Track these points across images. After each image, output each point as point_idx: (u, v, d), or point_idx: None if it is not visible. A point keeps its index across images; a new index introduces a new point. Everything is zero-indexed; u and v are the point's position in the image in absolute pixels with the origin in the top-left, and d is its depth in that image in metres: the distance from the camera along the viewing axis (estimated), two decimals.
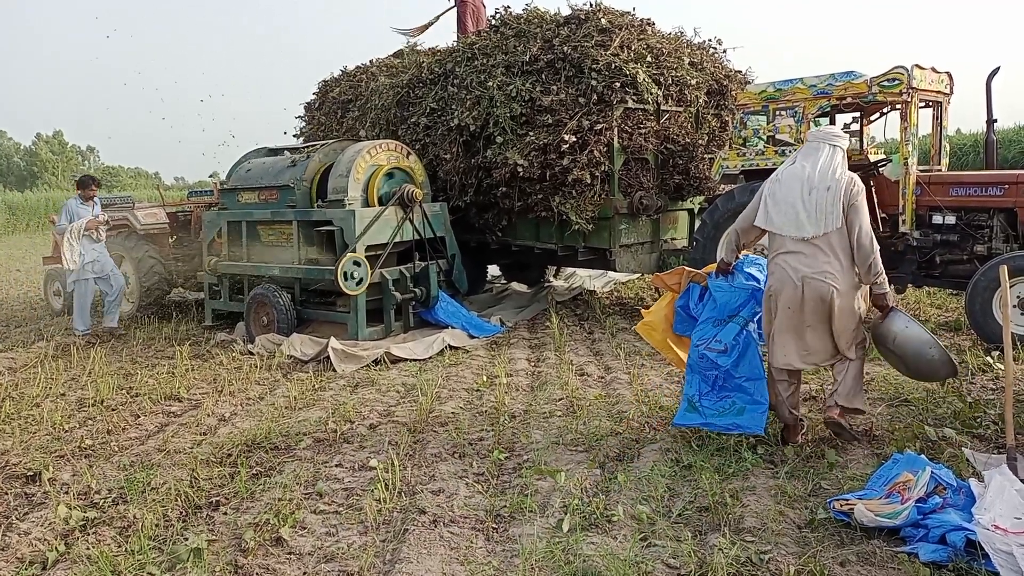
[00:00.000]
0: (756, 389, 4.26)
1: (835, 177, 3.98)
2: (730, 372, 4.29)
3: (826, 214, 3.95)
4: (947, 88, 7.25)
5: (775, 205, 4.13)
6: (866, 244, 3.93)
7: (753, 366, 4.29)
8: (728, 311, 4.41)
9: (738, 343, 4.31)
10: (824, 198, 3.95)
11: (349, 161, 7.54)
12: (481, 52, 8.48)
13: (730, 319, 4.40)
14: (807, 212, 3.99)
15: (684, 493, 3.69)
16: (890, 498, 3.31)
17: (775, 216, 4.13)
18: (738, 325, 4.36)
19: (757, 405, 4.21)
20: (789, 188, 4.08)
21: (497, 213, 8.58)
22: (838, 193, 3.94)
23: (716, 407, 4.28)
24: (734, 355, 4.29)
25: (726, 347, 4.31)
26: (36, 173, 62.86)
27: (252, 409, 5.47)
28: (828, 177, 3.99)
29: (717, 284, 4.50)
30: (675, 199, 8.63)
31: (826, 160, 4.06)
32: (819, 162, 4.06)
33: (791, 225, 4.05)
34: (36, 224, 30.25)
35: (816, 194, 3.97)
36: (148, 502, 3.80)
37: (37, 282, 12.67)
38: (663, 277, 4.82)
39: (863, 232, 3.94)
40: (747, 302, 4.41)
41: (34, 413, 5.43)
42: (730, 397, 4.29)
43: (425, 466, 4.18)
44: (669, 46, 8.34)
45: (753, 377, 4.27)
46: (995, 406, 4.62)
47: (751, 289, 4.43)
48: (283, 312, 7.46)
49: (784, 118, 7.22)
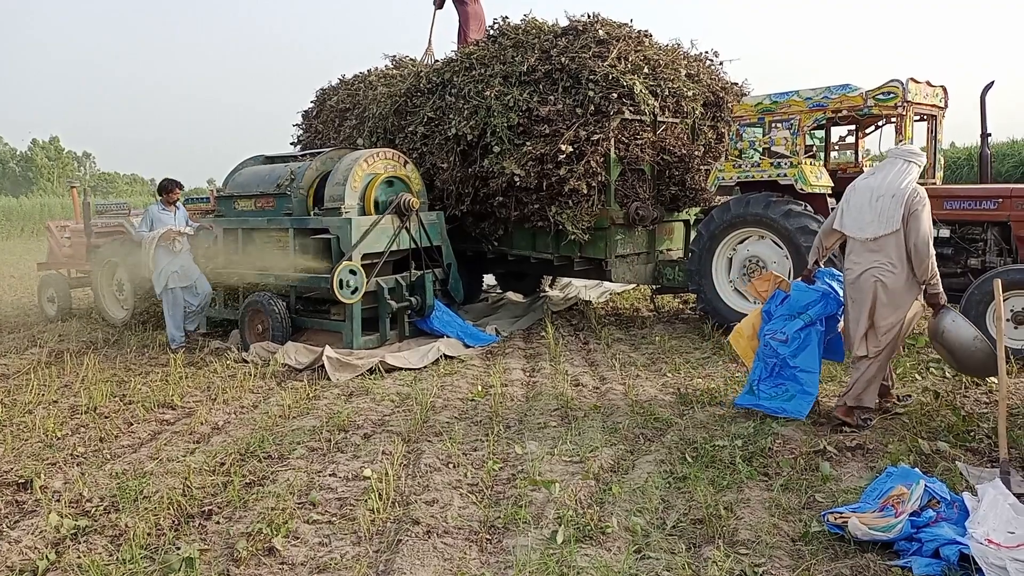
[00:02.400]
0: (808, 380, 4.78)
1: (900, 187, 4.45)
2: (787, 361, 4.82)
3: (887, 218, 4.44)
4: (942, 102, 7.30)
5: (848, 210, 4.65)
6: (922, 249, 4.39)
7: (810, 360, 4.78)
8: (798, 308, 4.89)
9: (799, 336, 4.83)
10: (888, 204, 4.44)
11: (346, 169, 7.55)
12: (479, 62, 8.51)
13: (799, 315, 4.87)
14: (871, 215, 4.50)
15: (678, 505, 3.69)
16: (884, 511, 3.31)
17: (847, 219, 4.66)
18: (803, 321, 4.84)
19: (806, 395, 4.75)
20: (861, 195, 4.60)
21: (494, 222, 8.59)
22: (900, 200, 4.41)
23: (770, 391, 4.87)
24: (793, 346, 4.82)
25: (787, 338, 4.84)
26: (31, 179, 62.80)
27: (246, 417, 5.45)
28: (895, 187, 4.47)
29: (796, 284, 5.03)
30: (671, 210, 8.66)
31: (897, 172, 4.54)
32: (891, 173, 4.55)
33: (858, 227, 4.58)
34: (31, 230, 30.19)
35: (882, 201, 4.47)
36: (140, 511, 3.78)
37: (31, 288, 12.64)
38: (755, 284, 5.30)
39: (920, 238, 4.39)
40: (817, 302, 4.87)
41: (26, 420, 5.40)
42: (784, 384, 4.85)
43: (419, 476, 4.16)
44: (666, 58, 8.38)
45: (808, 369, 4.78)
46: (988, 420, 4.64)
47: (823, 291, 4.89)
48: (278, 320, 7.45)
49: (780, 130, 7.26)
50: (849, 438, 4.44)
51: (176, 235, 7.67)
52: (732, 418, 4.95)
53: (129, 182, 68.43)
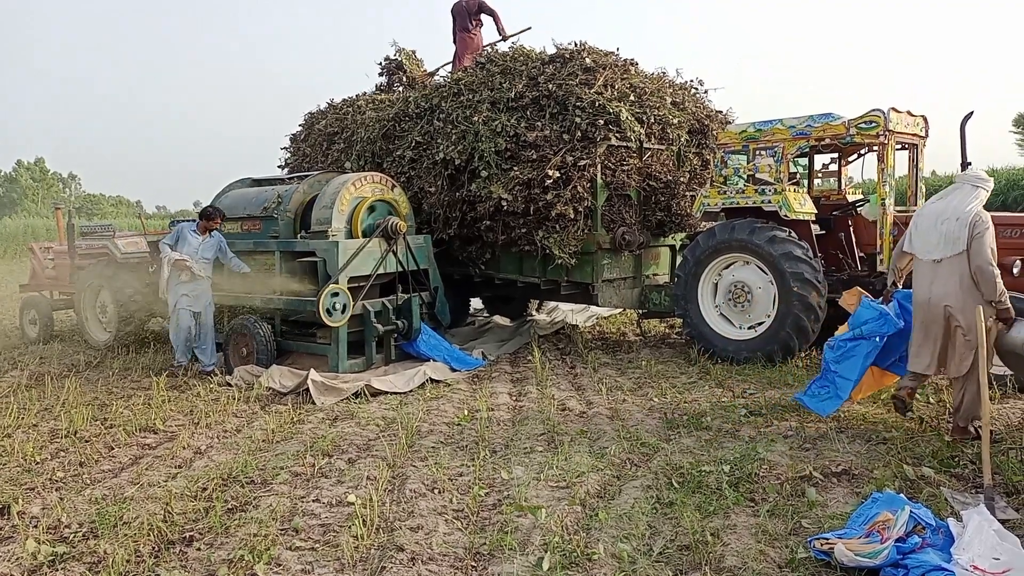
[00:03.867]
0: (843, 386, 5.14)
1: (965, 211, 4.63)
2: (830, 365, 5.22)
3: (952, 240, 4.63)
4: (923, 131, 7.43)
5: (916, 233, 4.89)
6: (986, 270, 4.55)
7: (850, 368, 5.13)
8: (859, 322, 5.19)
9: (845, 346, 5.19)
10: (952, 227, 4.63)
11: (334, 193, 7.55)
12: (467, 88, 8.58)
13: (855, 328, 5.19)
14: (937, 238, 4.71)
15: (665, 531, 3.67)
16: (870, 537, 3.31)
17: (915, 241, 4.89)
18: (853, 333, 5.18)
19: (837, 399, 5.15)
20: (927, 218, 4.82)
21: (481, 246, 8.61)
22: (965, 223, 4.59)
23: (816, 391, 5.30)
24: (838, 352, 5.20)
25: (834, 345, 5.25)
26: (16, 200, 62.35)
27: (229, 442, 5.39)
28: (960, 210, 4.65)
29: (864, 301, 5.30)
30: (657, 235, 8.72)
31: (963, 196, 4.72)
32: (957, 198, 4.74)
33: (925, 249, 4.79)
34: (14, 251, 29.87)
35: (947, 224, 4.66)
36: (119, 537, 3.72)
37: (13, 310, 12.49)
38: (845, 298, 5.57)
39: (983, 260, 4.55)
40: (875, 320, 5.13)
41: (5, 444, 5.31)
42: (826, 386, 5.25)
43: (404, 502, 4.12)
44: (652, 85, 8.49)
45: (846, 376, 5.13)
46: (972, 445, 4.66)
47: (881, 311, 5.14)
48: (263, 343, 7.39)
49: (764, 158, 7.35)
50: (834, 463, 4.44)
51: (184, 267, 7.45)
52: (719, 443, 4.95)
53: (115, 204, 68.05)
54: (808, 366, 7.00)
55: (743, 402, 5.90)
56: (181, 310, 7.55)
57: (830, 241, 7.64)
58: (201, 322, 7.68)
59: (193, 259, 7.48)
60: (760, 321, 7.23)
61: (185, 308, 7.55)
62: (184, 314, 7.56)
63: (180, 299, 7.53)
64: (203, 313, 7.67)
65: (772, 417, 5.45)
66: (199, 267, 7.51)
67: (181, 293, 7.53)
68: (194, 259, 7.49)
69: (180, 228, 7.69)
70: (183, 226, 7.72)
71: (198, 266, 7.50)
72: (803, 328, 6.86)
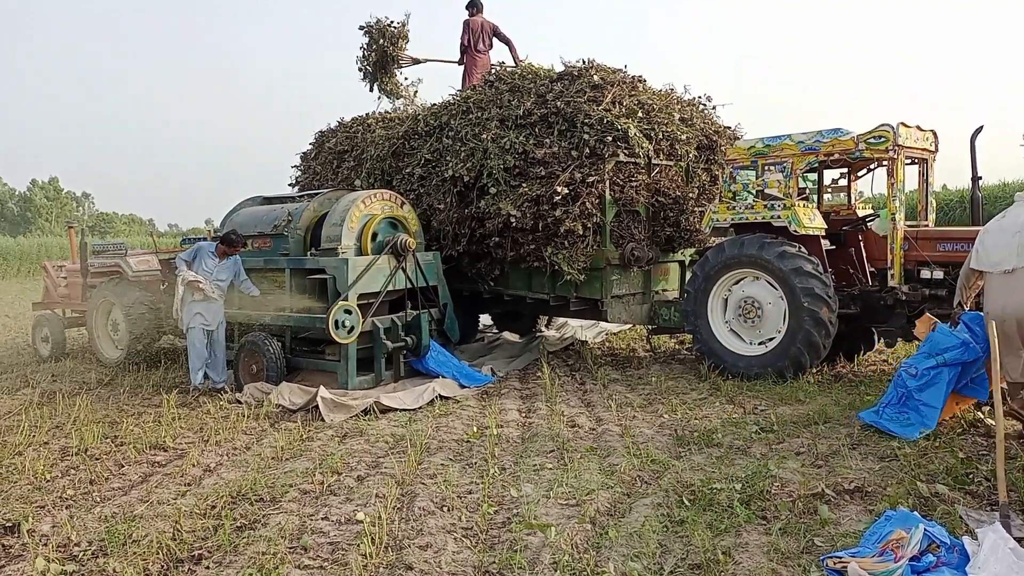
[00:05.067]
0: (929, 414, 5.11)
1: None
2: (911, 393, 5.20)
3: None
4: (932, 146, 7.41)
5: (984, 249, 5.00)
6: None
7: (935, 396, 5.12)
8: (937, 349, 5.21)
9: (928, 374, 5.17)
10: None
11: (344, 210, 7.59)
12: (476, 106, 8.64)
13: (935, 355, 5.20)
14: (1008, 250, 4.82)
15: (676, 550, 3.64)
16: (883, 556, 3.27)
17: (983, 256, 5.00)
18: (936, 361, 5.18)
19: (924, 426, 5.09)
20: (995, 234, 4.97)
21: (490, 263, 8.63)
22: None
23: (893, 415, 5.27)
24: (921, 381, 5.19)
25: (917, 372, 5.21)
26: (30, 219, 63.04)
27: (238, 459, 5.39)
28: None
29: (941, 327, 5.36)
30: (666, 251, 8.71)
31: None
32: (1023, 212, 4.90)
33: (994, 262, 4.91)
34: (28, 270, 30.15)
35: (1019, 236, 4.79)
36: (128, 555, 3.72)
37: (26, 328, 12.59)
38: (918, 326, 5.66)
39: None
40: (956, 348, 5.16)
41: (16, 462, 5.33)
42: (906, 413, 5.22)
43: (413, 520, 4.11)
44: (660, 102, 8.52)
45: (931, 404, 5.12)
46: (987, 462, 4.60)
47: (964, 340, 5.15)
48: (273, 360, 7.41)
49: (773, 173, 7.34)
50: (847, 480, 4.40)
51: (197, 287, 7.47)
52: (730, 460, 4.91)
53: (127, 222, 68.70)
54: (819, 382, 6.96)
55: (754, 419, 5.85)
56: (194, 328, 7.57)
57: (840, 256, 7.61)
58: (213, 339, 7.70)
59: (208, 280, 7.52)
60: (771, 337, 7.19)
61: (198, 326, 7.58)
62: (199, 332, 7.58)
63: (194, 318, 7.56)
64: (215, 330, 7.70)
65: (784, 434, 5.41)
66: (211, 288, 7.53)
67: (195, 312, 7.55)
68: (209, 280, 7.53)
69: (199, 247, 7.71)
70: (202, 246, 7.74)
71: (210, 287, 7.52)
72: (814, 344, 6.82)
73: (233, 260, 7.74)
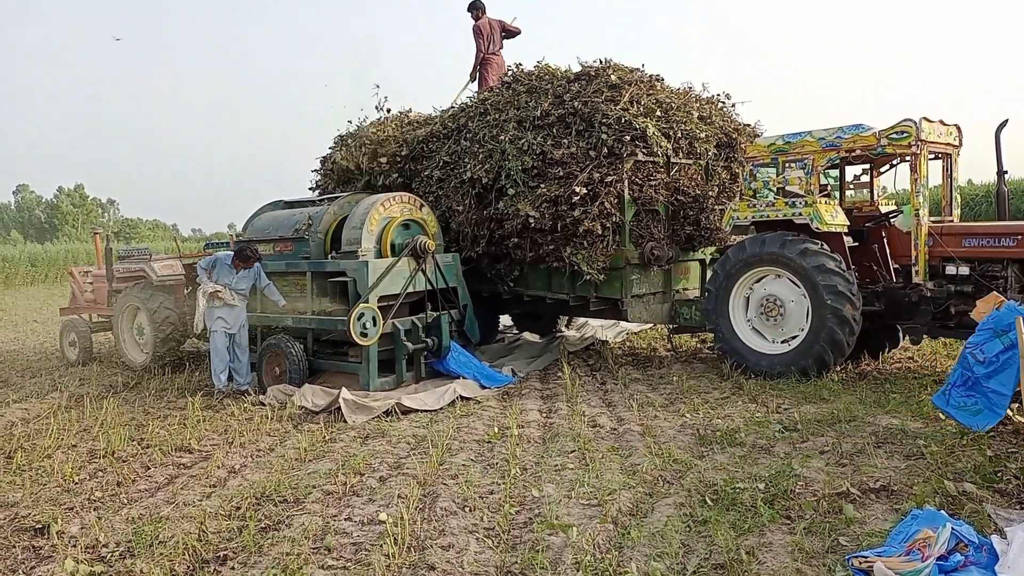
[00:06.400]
0: (999, 402, 4.82)
1: None
2: (980, 380, 4.91)
3: None
4: (956, 140, 7.31)
5: None
6: None
7: (1005, 383, 4.81)
8: (1003, 324, 4.89)
9: (998, 360, 4.86)
10: None
11: (363, 213, 7.64)
12: (494, 107, 8.65)
13: (1002, 334, 4.90)
14: None
15: (699, 549, 3.62)
16: (910, 555, 3.23)
17: None
18: (1002, 344, 4.87)
19: (994, 414, 4.82)
20: None
21: (509, 264, 8.63)
22: None
23: (959, 401, 4.99)
24: (990, 368, 4.89)
25: (985, 359, 4.92)
26: (57, 225, 64.11)
27: (262, 461, 5.44)
28: None
29: (1010, 304, 5.02)
30: (686, 250, 8.67)
31: None
32: None
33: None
34: (55, 275, 30.63)
35: None
36: (155, 556, 3.77)
37: (54, 332, 12.80)
38: (979, 306, 5.34)
39: None
40: None
41: (45, 465, 5.42)
42: (974, 397, 4.94)
43: (435, 520, 4.12)
44: (678, 100, 8.47)
45: (1001, 392, 4.81)
46: (1016, 459, 4.52)
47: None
48: (295, 362, 7.48)
49: (794, 170, 7.28)
50: (872, 479, 4.35)
51: (218, 297, 7.57)
52: (753, 459, 4.87)
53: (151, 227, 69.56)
54: (844, 380, 6.89)
55: (777, 417, 5.81)
56: (217, 332, 7.66)
57: (864, 253, 7.53)
58: (236, 342, 7.79)
59: (227, 288, 7.61)
60: (793, 335, 7.13)
61: (220, 330, 7.67)
62: (221, 336, 7.67)
63: (216, 321, 7.65)
64: (238, 333, 7.79)
65: (808, 432, 5.36)
66: (231, 296, 7.64)
67: (217, 316, 7.65)
68: (228, 288, 7.62)
69: (217, 258, 7.79)
70: (219, 257, 7.82)
71: (231, 295, 7.63)
72: (838, 341, 6.75)
73: (255, 269, 7.80)
